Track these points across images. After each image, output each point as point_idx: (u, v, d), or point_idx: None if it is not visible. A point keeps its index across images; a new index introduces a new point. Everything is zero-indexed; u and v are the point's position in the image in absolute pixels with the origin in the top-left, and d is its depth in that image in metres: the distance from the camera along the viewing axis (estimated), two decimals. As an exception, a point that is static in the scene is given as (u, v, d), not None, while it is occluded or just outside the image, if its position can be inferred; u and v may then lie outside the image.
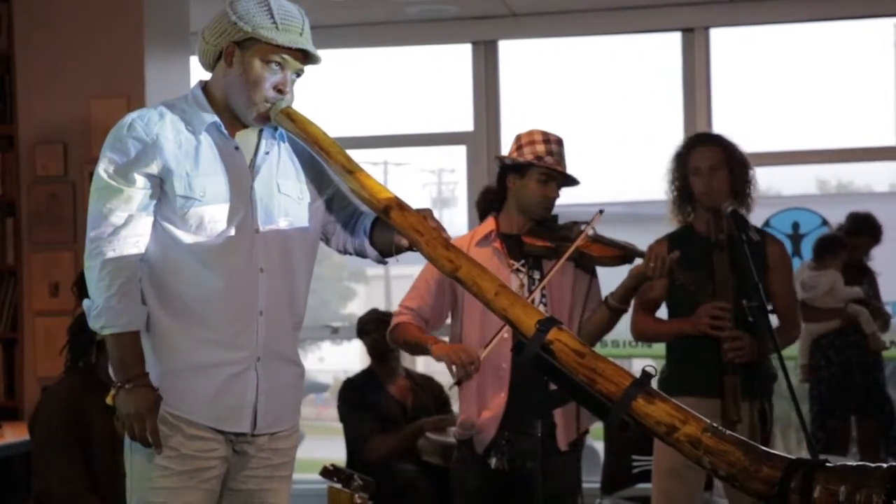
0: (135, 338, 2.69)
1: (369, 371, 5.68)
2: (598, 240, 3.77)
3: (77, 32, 5.54)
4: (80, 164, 5.46)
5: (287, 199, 2.82)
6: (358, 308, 17.01)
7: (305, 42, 2.76)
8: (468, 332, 3.80)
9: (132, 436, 2.68)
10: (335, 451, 6.28)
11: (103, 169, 2.71)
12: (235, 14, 2.73)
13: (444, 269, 2.58)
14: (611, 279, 3.90)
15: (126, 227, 2.69)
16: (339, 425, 5.67)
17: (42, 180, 5.53)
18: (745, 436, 2.47)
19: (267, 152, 2.83)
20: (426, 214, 2.67)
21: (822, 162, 7.25)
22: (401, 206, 2.66)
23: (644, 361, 6.47)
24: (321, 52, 2.81)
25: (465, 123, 6.63)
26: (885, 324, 6.07)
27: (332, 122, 2.97)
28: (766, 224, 6.21)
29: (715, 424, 2.25)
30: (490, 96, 6.60)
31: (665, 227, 4.23)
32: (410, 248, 2.73)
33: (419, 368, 6.24)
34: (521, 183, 3.80)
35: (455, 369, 3.59)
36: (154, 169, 2.70)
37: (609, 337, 4.34)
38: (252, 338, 2.75)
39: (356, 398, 5.54)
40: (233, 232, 2.74)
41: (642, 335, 4.20)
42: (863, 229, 6.10)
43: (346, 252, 3.00)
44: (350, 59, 7.27)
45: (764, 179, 4.31)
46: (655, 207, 4.38)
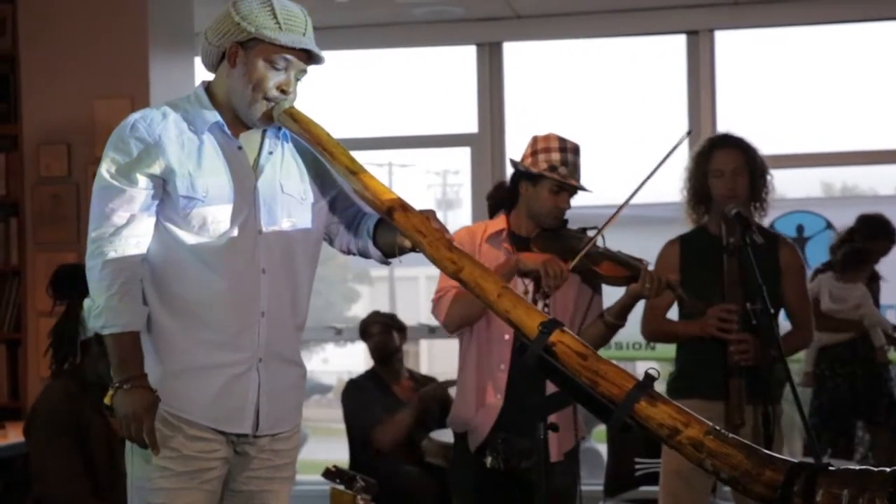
0: (134, 338, 2.69)
1: (373, 372, 5.68)
2: (607, 256, 3.72)
3: (81, 33, 5.54)
4: (83, 165, 5.46)
5: (290, 200, 2.82)
6: (362, 310, 17.00)
7: (308, 42, 2.76)
8: (477, 326, 3.78)
9: (129, 436, 2.68)
10: (338, 452, 6.27)
11: (105, 169, 2.71)
12: (238, 14, 2.73)
13: (447, 270, 2.58)
14: (610, 292, 3.89)
15: (128, 227, 2.69)
16: (342, 426, 5.67)
17: (46, 181, 5.54)
18: (749, 439, 2.46)
19: (270, 152, 2.83)
20: (429, 216, 2.66)
21: (827, 165, 7.24)
22: (404, 207, 2.65)
23: (647, 364, 6.46)
24: (325, 54, 2.81)
25: (470, 125, 6.62)
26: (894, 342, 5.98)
27: (337, 123, 2.97)
28: (771, 227, 6.19)
29: (718, 427, 2.25)
30: (494, 98, 6.60)
31: (669, 229, 4.22)
32: (414, 249, 2.73)
33: (422, 370, 6.24)
34: (532, 191, 3.76)
35: (545, 280, 3.57)
36: (157, 169, 2.70)
37: (612, 339, 4.32)
38: (254, 339, 2.75)
39: (360, 396, 5.54)
40: (235, 232, 2.73)
41: (653, 335, 4.19)
42: (878, 234, 5.96)
43: (349, 252, 3.00)
44: (354, 60, 7.27)
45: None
46: (660, 210, 4.38)
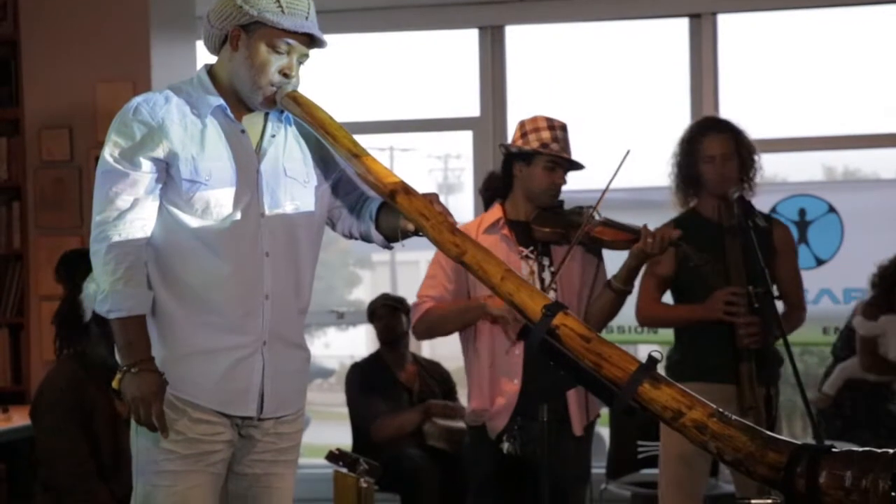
0: (140, 322, 2.69)
1: (377, 356, 5.68)
2: (607, 223, 3.75)
3: (82, 16, 5.53)
4: (86, 149, 5.46)
5: (293, 183, 2.82)
6: (364, 294, 17.02)
7: (311, 26, 2.75)
8: (482, 323, 3.79)
9: (138, 419, 2.68)
10: (341, 435, 6.29)
11: (109, 153, 2.71)
12: (241, -3, 2.72)
13: (450, 253, 2.58)
14: (613, 263, 3.90)
15: (132, 210, 2.69)
16: (345, 410, 5.68)
17: (48, 165, 5.54)
18: (751, 421, 2.46)
19: (273, 135, 2.83)
20: (432, 199, 2.66)
21: (828, 148, 7.22)
22: (407, 190, 2.65)
23: (650, 347, 6.46)
24: (327, 37, 2.81)
25: (472, 109, 6.61)
26: None
27: (339, 107, 2.96)
28: (773, 210, 6.18)
29: (721, 409, 2.25)
30: (496, 82, 6.58)
31: (670, 213, 4.22)
32: (416, 233, 2.73)
33: (425, 354, 6.24)
34: (527, 171, 3.79)
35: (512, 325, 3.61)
36: (160, 153, 2.70)
37: (615, 322, 4.33)
38: (258, 322, 2.75)
39: (364, 381, 5.55)
40: (238, 216, 2.73)
41: (649, 321, 4.19)
42: None
43: (351, 237, 3.00)
44: (356, 43, 7.26)
45: (770, 166, 4.30)
46: (661, 194, 4.37)
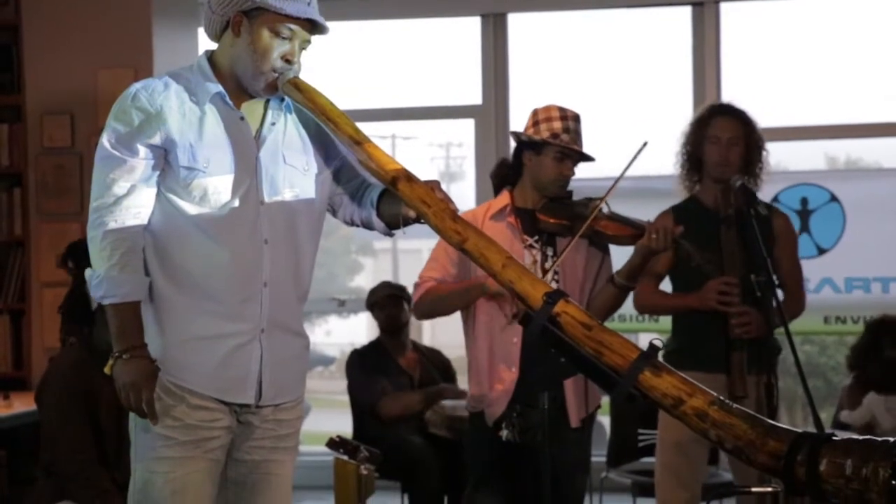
0: (134, 308, 2.70)
1: (378, 343, 5.68)
2: (613, 217, 3.74)
3: (84, 3, 5.53)
4: (87, 135, 5.46)
5: (293, 171, 2.81)
6: (365, 281, 17.04)
7: (313, 12, 2.75)
8: (479, 306, 3.80)
9: (128, 405, 2.69)
10: (342, 423, 6.29)
11: (107, 139, 2.70)
12: (243, -17, 2.71)
13: (452, 240, 2.57)
14: (618, 257, 3.90)
15: (129, 197, 2.69)
16: (346, 398, 5.68)
17: (49, 151, 5.54)
18: (752, 409, 2.46)
19: (273, 123, 2.82)
20: (434, 186, 2.66)
21: (831, 137, 7.22)
22: (408, 177, 2.65)
23: (650, 335, 6.46)
24: (330, 24, 2.80)
25: (474, 97, 6.60)
26: None
27: (341, 94, 2.95)
28: (775, 199, 6.18)
29: (721, 398, 2.25)
30: (499, 70, 6.57)
31: (672, 201, 4.21)
32: (418, 220, 2.73)
33: (425, 341, 6.24)
34: (536, 160, 3.79)
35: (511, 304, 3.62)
36: (158, 139, 2.69)
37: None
38: (256, 309, 2.75)
39: (365, 365, 5.55)
40: (237, 203, 2.73)
41: (646, 308, 4.19)
42: None
43: (352, 224, 2.99)
44: (358, 31, 7.25)
45: (773, 155, 4.29)
46: (665, 182, 4.37)
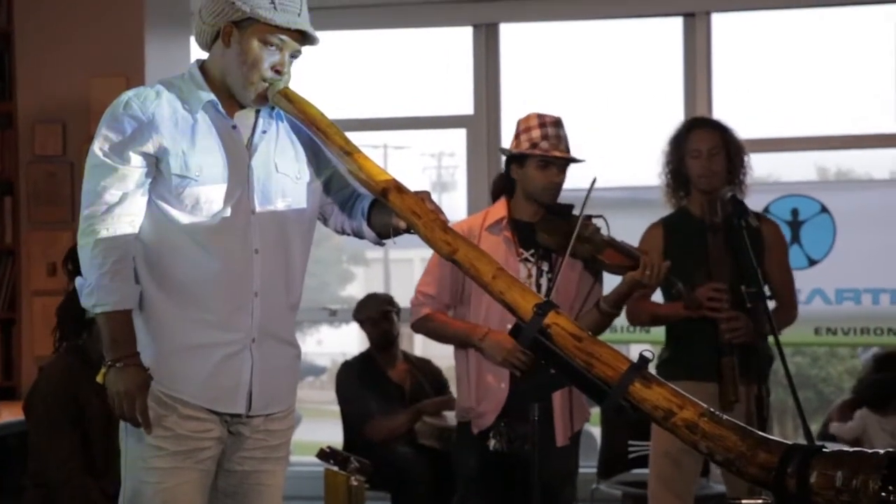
0: (126, 317, 2.69)
1: (368, 354, 5.67)
2: (611, 244, 3.72)
3: (77, 11, 5.52)
4: (78, 144, 5.44)
5: (285, 179, 2.81)
6: (356, 291, 17.01)
7: (304, 23, 2.75)
8: (474, 319, 3.80)
9: (121, 415, 2.68)
10: (332, 433, 6.28)
11: (98, 147, 2.70)
12: (233, -7, 2.71)
13: (442, 251, 2.57)
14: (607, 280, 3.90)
15: (120, 205, 2.68)
16: (336, 408, 5.67)
17: (40, 159, 5.52)
18: (742, 421, 2.46)
19: (264, 131, 2.82)
20: (424, 197, 2.66)
21: (822, 149, 7.23)
22: (399, 188, 2.65)
23: (641, 346, 6.46)
24: (320, 34, 2.80)
25: (466, 107, 6.59)
26: None
27: (332, 104, 2.95)
28: (766, 210, 6.19)
29: (712, 409, 2.25)
30: (491, 80, 6.56)
31: (664, 212, 4.22)
32: (408, 231, 2.73)
33: (417, 350, 6.23)
34: (522, 172, 3.79)
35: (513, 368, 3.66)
36: (150, 148, 2.69)
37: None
38: (247, 319, 2.74)
39: (355, 380, 5.54)
40: (228, 212, 2.72)
41: (638, 319, 4.19)
42: None
43: (343, 232, 2.99)
44: (350, 40, 7.25)
45: (764, 166, 4.31)
46: (655, 192, 4.37)
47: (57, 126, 5.51)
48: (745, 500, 3.28)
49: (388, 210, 2.75)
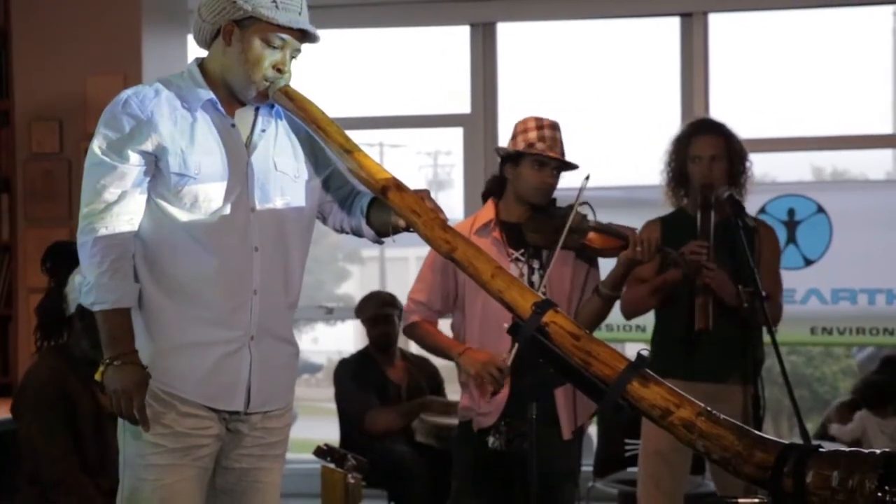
0: (125, 314, 2.69)
1: (365, 352, 5.67)
2: (598, 229, 3.75)
3: (74, 9, 5.52)
4: (75, 141, 5.44)
5: (284, 177, 2.82)
6: (352, 289, 17.03)
7: (304, 22, 2.76)
8: (470, 319, 3.81)
9: (119, 412, 2.68)
10: (329, 431, 6.28)
11: (97, 145, 2.70)
12: (234, -8, 2.71)
13: (441, 250, 2.58)
14: (603, 265, 3.91)
15: (119, 203, 2.68)
16: (333, 406, 5.67)
17: (38, 157, 5.53)
18: (738, 420, 2.47)
19: (263, 129, 2.82)
20: (423, 195, 2.66)
21: (818, 149, 7.25)
22: (398, 186, 2.65)
23: (638, 345, 6.48)
24: (319, 33, 2.80)
25: (463, 106, 6.60)
26: None
27: (329, 102, 2.95)
28: (762, 210, 6.20)
29: (709, 409, 2.26)
30: (488, 79, 6.57)
31: (661, 211, 4.23)
32: (407, 229, 2.73)
33: (414, 349, 6.23)
34: (516, 172, 3.81)
35: (483, 383, 3.67)
36: (149, 146, 2.69)
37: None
38: (246, 317, 2.75)
39: (353, 376, 5.54)
40: (227, 210, 2.73)
41: (630, 305, 4.11)
42: None
43: (342, 231, 3.00)
44: (347, 39, 7.25)
45: (760, 166, 4.31)
46: (652, 192, 4.38)
47: (54, 124, 5.51)
48: (741, 500, 3.29)
49: (386, 208, 2.76)
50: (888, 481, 2.07)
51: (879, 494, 2.05)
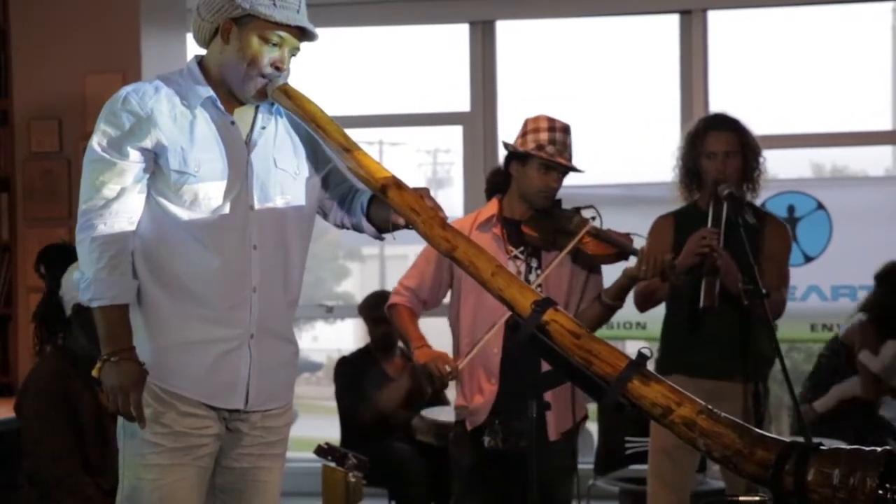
0: (123, 311, 2.69)
1: (366, 350, 5.68)
2: (598, 236, 3.73)
3: (73, 7, 5.52)
4: (74, 140, 5.44)
5: (284, 175, 2.81)
6: (352, 287, 17.03)
7: (303, 19, 2.75)
8: (464, 315, 3.81)
9: (116, 409, 2.67)
10: (329, 429, 6.29)
11: (97, 142, 2.70)
12: (233, -10, 2.71)
13: (441, 248, 2.58)
14: (609, 272, 3.90)
15: (118, 200, 2.68)
16: (333, 404, 5.67)
17: (37, 156, 5.53)
18: (739, 417, 2.47)
19: (263, 127, 2.82)
20: (423, 194, 2.66)
21: (817, 146, 7.24)
22: (398, 185, 2.65)
23: (639, 344, 6.47)
24: (318, 31, 2.80)
25: (462, 104, 6.61)
26: None
27: (328, 100, 2.95)
28: (762, 207, 6.20)
29: (710, 407, 2.26)
30: (487, 77, 6.57)
31: (661, 209, 4.22)
32: (407, 226, 2.73)
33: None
34: (522, 171, 3.79)
35: (431, 379, 3.70)
36: (148, 143, 2.69)
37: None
38: (245, 315, 2.74)
39: (353, 374, 5.55)
40: (227, 208, 2.73)
41: (642, 296, 4.10)
42: None
43: (343, 227, 3.00)
44: (347, 37, 7.26)
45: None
46: (652, 189, 4.38)
47: (53, 123, 5.51)
48: (743, 497, 3.29)
49: (387, 205, 2.75)
50: (889, 479, 2.07)
51: (880, 492, 2.06)
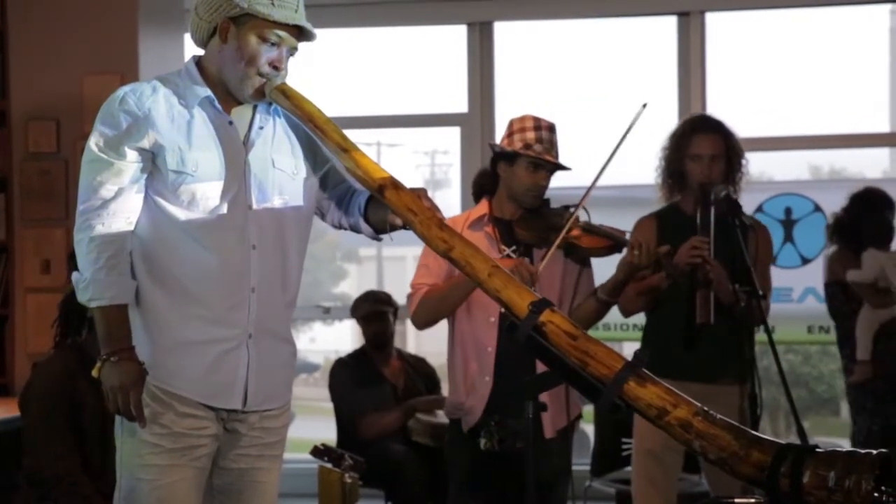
0: (122, 311, 2.69)
1: (362, 352, 5.67)
2: (588, 229, 3.74)
3: (71, 8, 5.51)
4: (72, 141, 5.44)
5: (282, 175, 2.82)
6: (350, 288, 17.03)
7: (301, 18, 2.75)
8: (458, 315, 3.81)
9: (115, 409, 2.67)
10: (326, 430, 6.28)
11: (94, 142, 2.70)
12: (230, -10, 2.71)
13: (438, 248, 2.58)
14: (602, 269, 3.90)
15: (116, 200, 2.68)
16: (330, 405, 5.67)
17: (34, 157, 5.52)
18: (734, 419, 2.47)
19: (261, 127, 2.82)
20: (420, 194, 2.66)
21: (815, 148, 7.26)
22: (395, 185, 2.65)
23: (635, 345, 6.48)
24: (316, 31, 2.80)
25: (460, 105, 6.61)
26: None
27: (327, 101, 2.96)
28: (759, 209, 6.21)
29: (706, 408, 2.26)
30: (485, 78, 6.58)
31: (649, 210, 4.22)
32: (405, 227, 2.73)
33: (410, 348, 6.24)
34: (510, 171, 3.79)
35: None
36: (146, 143, 2.69)
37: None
38: (244, 315, 2.75)
39: (349, 377, 5.54)
40: (225, 208, 2.73)
41: (627, 303, 4.08)
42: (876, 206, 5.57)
43: (341, 227, 3.00)
44: (344, 38, 7.26)
45: (757, 165, 4.32)
46: (648, 191, 4.37)
47: (51, 123, 5.51)
48: (738, 500, 3.30)
49: (384, 206, 2.75)
50: (884, 482, 2.08)
51: (876, 495, 2.06)
